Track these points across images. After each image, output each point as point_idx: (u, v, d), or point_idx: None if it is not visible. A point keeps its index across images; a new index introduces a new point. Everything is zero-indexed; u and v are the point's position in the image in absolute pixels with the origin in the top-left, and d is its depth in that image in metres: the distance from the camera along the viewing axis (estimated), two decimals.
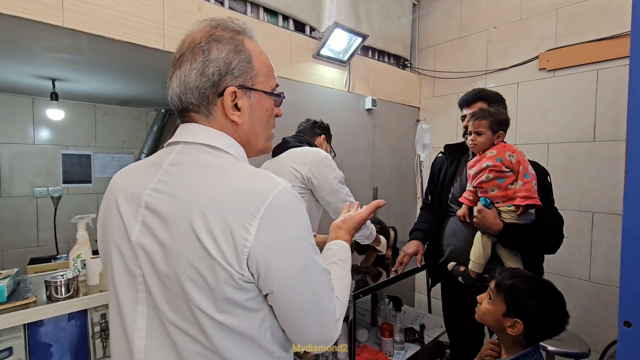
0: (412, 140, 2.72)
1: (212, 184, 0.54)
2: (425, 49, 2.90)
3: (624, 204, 0.55)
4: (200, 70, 0.58)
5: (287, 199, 0.55)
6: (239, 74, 0.60)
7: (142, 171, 0.63)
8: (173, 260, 0.53)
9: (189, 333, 0.54)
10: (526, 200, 1.22)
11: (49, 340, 1.20)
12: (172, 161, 0.60)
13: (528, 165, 1.27)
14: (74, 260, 1.36)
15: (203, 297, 0.52)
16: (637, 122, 0.56)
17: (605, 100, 1.98)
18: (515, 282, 1.01)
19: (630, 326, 0.54)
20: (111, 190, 0.65)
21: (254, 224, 0.51)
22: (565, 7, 2.11)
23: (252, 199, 0.52)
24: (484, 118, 1.34)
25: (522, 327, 0.98)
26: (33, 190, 2.68)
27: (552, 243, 1.32)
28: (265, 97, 0.65)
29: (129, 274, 0.59)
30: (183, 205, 0.54)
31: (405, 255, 1.62)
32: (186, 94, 0.60)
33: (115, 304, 0.61)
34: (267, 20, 1.97)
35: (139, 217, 0.58)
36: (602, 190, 2.00)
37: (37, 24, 1.25)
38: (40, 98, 2.63)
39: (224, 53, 0.59)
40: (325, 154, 1.43)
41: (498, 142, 1.34)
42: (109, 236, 0.62)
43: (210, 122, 0.62)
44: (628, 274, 0.54)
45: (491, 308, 1.04)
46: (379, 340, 1.83)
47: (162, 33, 1.51)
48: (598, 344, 1.96)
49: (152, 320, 0.57)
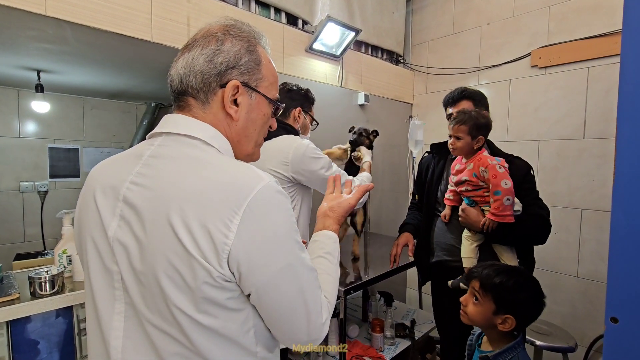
0: (404, 136, 2.72)
1: (191, 177, 0.52)
2: (418, 44, 2.89)
3: (613, 202, 0.54)
4: (209, 56, 0.59)
5: (271, 195, 0.53)
6: (245, 71, 0.61)
7: (122, 163, 0.60)
8: (150, 257, 0.51)
9: (167, 332, 0.52)
10: (495, 217, 1.26)
11: (36, 337, 1.18)
12: (152, 153, 0.58)
13: (501, 180, 1.25)
14: (59, 256, 1.33)
15: (181, 296, 0.50)
16: (626, 120, 0.56)
17: (595, 98, 2.00)
18: (502, 279, 1.01)
19: (617, 322, 0.54)
20: (89, 184, 0.62)
21: (235, 221, 0.49)
22: (557, 5, 2.11)
23: (234, 194, 0.50)
24: (463, 123, 1.34)
25: (514, 323, 0.98)
26: (19, 184, 2.62)
27: (540, 234, 1.33)
28: (265, 102, 0.66)
29: (105, 270, 0.57)
30: (161, 199, 0.52)
31: (397, 245, 1.62)
32: (188, 76, 0.59)
33: (92, 302, 0.59)
34: (259, 13, 1.94)
35: (117, 212, 0.56)
36: (591, 187, 2.02)
37: (19, 12, 1.21)
38: (26, 90, 2.56)
39: (237, 48, 0.60)
40: (306, 145, 1.33)
41: (477, 146, 1.35)
42: (84, 231, 0.60)
43: (205, 110, 0.61)
44: (615, 270, 0.54)
45: (480, 309, 1.03)
46: (369, 336, 1.83)
47: (150, 24, 1.48)
48: (585, 339, 2.00)
49: (130, 319, 0.55)
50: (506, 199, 1.24)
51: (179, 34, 1.57)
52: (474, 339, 1.18)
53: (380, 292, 2.15)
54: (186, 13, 1.59)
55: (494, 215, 1.26)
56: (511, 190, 1.25)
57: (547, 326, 1.86)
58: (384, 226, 2.75)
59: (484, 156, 1.32)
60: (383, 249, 2.07)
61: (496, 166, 1.28)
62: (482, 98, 1.52)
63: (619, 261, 0.54)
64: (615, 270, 0.54)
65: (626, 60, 0.58)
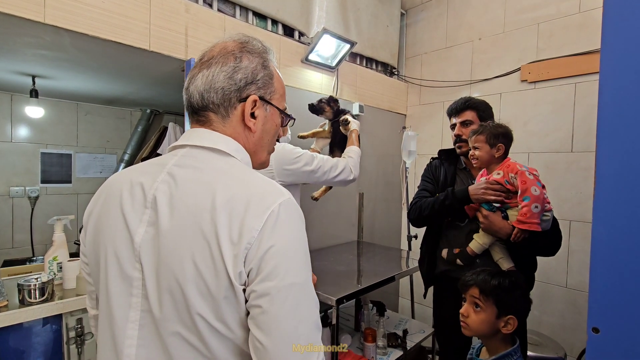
0: (398, 146, 2.76)
1: (220, 188, 0.54)
2: (412, 57, 2.95)
3: (593, 214, 0.57)
4: (229, 74, 0.62)
5: (292, 209, 0.55)
6: (262, 85, 0.65)
7: (145, 171, 0.62)
8: (176, 264, 0.52)
9: (186, 339, 0.52)
10: (521, 224, 1.23)
11: (21, 346, 1.16)
12: (177, 162, 0.60)
13: (530, 186, 1.24)
14: (49, 263, 1.32)
15: (204, 303, 0.51)
16: (606, 136, 0.59)
17: (582, 113, 2.06)
18: (499, 281, 1.04)
19: (598, 332, 0.56)
20: (110, 191, 0.63)
21: (256, 227, 0.51)
22: (546, 22, 2.19)
23: (259, 204, 0.52)
24: (480, 133, 1.36)
25: (516, 322, 1.00)
26: (9, 189, 2.59)
27: (555, 246, 1.35)
28: (277, 113, 0.70)
29: (123, 278, 0.57)
30: (189, 206, 0.53)
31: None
32: (209, 92, 0.62)
33: (107, 310, 0.58)
34: (256, 24, 1.97)
35: (145, 218, 0.57)
36: (579, 199, 2.07)
37: (17, 19, 1.22)
38: (20, 95, 2.55)
39: (254, 64, 0.65)
40: (281, 148, 1.33)
41: (499, 155, 1.34)
42: (102, 239, 0.60)
43: (225, 124, 0.64)
44: (596, 282, 0.56)
45: (483, 316, 1.02)
46: (362, 346, 1.83)
47: (148, 33, 1.50)
48: (574, 349, 2.02)
49: (145, 327, 0.55)
50: (534, 206, 1.22)
51: (177, 44, 1.59)
52: (474, 352, 1.17)
53: (372, 302, 2.15)
54: (184, 23, 1.61)
55: (521, 223, 1.23)
56: (540, 198, 1.23)
57: (537, 336, 1.88)
58: (377, 235, 2.76)
59: (513, 163, 1.32)
60: (376, 258, 2.08)
61: (525, 172, 1.27)
62: (487, 108, 1.52)
63: (600, 272, 0.56)
64: (596, 282, 0.56)
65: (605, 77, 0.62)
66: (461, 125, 1.52)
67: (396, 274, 1.69)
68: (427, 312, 2.65)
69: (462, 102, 1.52)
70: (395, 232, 2.99)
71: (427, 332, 2.03)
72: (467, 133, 1.48)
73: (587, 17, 2.03)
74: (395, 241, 2.97)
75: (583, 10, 2.04)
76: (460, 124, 1.53)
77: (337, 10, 2.30)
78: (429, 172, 1.66)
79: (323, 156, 1.46)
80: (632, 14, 0.56)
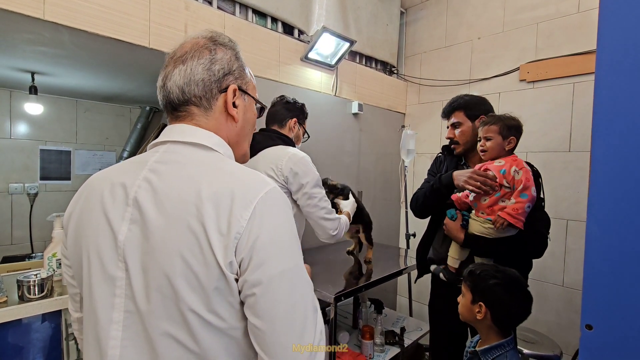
0: (397, 145, 2.76)
1: (204, 180, 0.54)
2: (411, 56, 2.95)
3: (588, 213, 0.58)
4: (207, 66, 0.63)
5: (277, 196, 0.56)
6: (238, 76, 0.67)
7: (126, 170, 0.61)
8: (164, 259, 0.52)
9: (175, 338, 0.52)
10: (508, 217, 1.23)
11: (20, 342, 1.16)
12: (158, 159, 0.59)
13: (531, 187, 1.24)
14: (49, 259, 1.33)
15: (194, 296, 0.51)
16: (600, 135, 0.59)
17: (580, 112, 2.06)
18: (474, 268, 1.11)
19: (591, 329, 0.57)
20: (91, 190, 0.62)
21: (245, 216, 0.51)
22: (545, 22, 2.19)
23: (245, 194, 0.53)
24: (493, 123, 1.32)
25: (485, 309, 1.04)
26: (8, 186, 2.59)
27: (532, 251, 1.36)
28: (253, 102, 0.72)
29: (106, 278, 0.56)
30: (174, 201, 0.53)
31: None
32: (190, 86, 0.62)
33: (91, 311, 0.58)
34: (256, 22, 1.97)
35: (127, 216, 0.56)
36: (576, 199, 2.08)
37: (17, 16, 1.22)
38: (19, 91, 2.54)
39: (228, 56, 0.66)
40: (302, 156, 1.38)
41: (509, 147, 1.31)
42: (84, 239, 0.59)
43: (208, 116, 0.64)
44: (590, 278, 0.57)
45: (463, 301, 1.12)
46: (359, 343, 1.84)
47: (147, 30, 1.50)
48: (570, 347, 2.03)
49: (130, 328, 0.55)
50: (527, 205, 1.23)
51: (177, 41, 1.56)
52: (472, 344, 1.21)
53: (370, 299, 2.16)
54: (184, 20, 1.61)
55: (510, 216, 1.22)
56: (534, 201, 1.25)
57: (533, 334, 1.89)
58: (375, 233, 2.76)
59: (521, 159, 1.31)
60: (374, 256, 2.08)
61: (530, 172, 1.28)
62: (477, 104, 1.50)
63: (593, 269, 0.57)
64: (590, 279, 0.57)
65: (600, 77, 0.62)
66: (452, 127, 1.54)
67: (394, 272, 1.70)
68: (424, 310, 2.66)
69: (449, 104, 1.54)
70: (394, 231, 3.00)
71: (424, 330, 2.05)
72: (457, 135, 1.51)
73: (586, 17, 2.03)
74: (393, 239, 2.98)
75: (582, 10, 2.05)
76: (451, 126, 1.55)
77: (336, 8, 2.30)
78: (434, 167, 1.69)
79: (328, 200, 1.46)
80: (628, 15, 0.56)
